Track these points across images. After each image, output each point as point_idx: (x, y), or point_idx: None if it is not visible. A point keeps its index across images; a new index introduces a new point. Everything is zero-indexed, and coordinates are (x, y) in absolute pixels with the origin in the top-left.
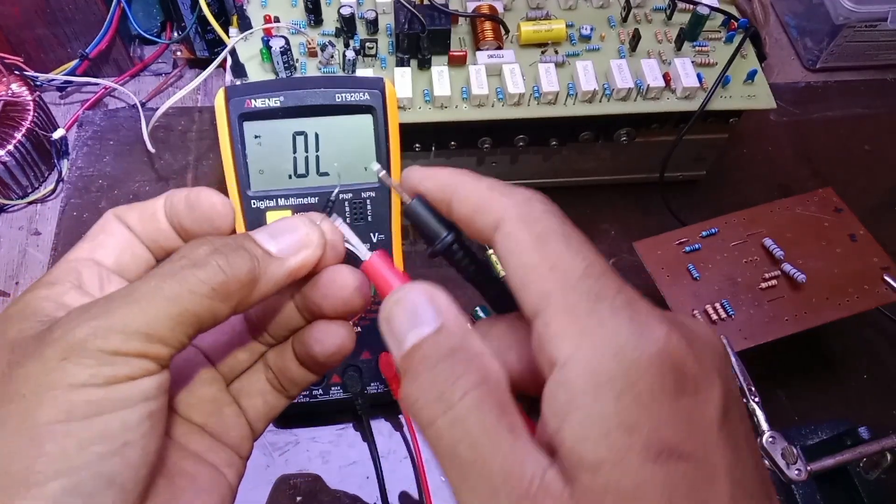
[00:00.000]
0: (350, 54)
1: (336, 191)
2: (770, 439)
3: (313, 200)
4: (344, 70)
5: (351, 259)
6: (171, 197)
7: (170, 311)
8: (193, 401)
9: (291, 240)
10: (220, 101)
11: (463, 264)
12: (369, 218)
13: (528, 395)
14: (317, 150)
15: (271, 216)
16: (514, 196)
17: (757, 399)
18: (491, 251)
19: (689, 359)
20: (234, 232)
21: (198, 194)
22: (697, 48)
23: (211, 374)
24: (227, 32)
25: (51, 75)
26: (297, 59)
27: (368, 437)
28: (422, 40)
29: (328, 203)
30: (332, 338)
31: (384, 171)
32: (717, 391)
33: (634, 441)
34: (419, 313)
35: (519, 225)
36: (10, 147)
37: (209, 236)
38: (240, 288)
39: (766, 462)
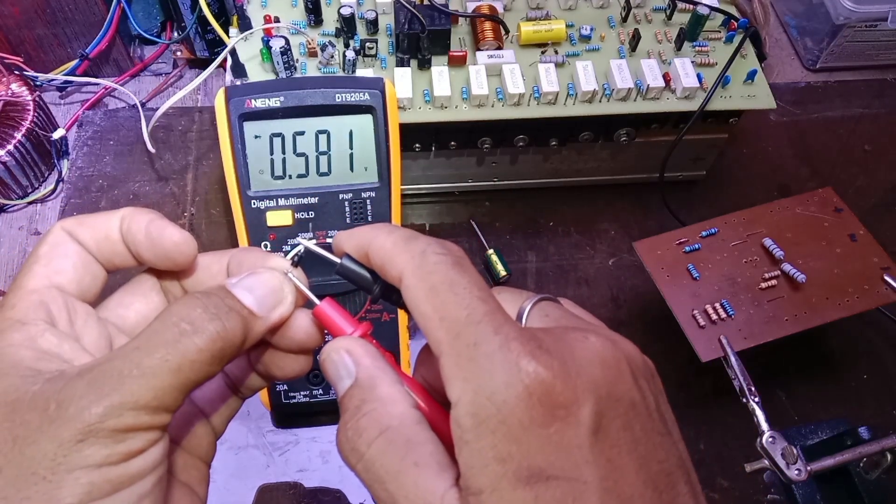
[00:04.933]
0: (350, 54)
1: (303, 248)
2: (770, 439)
3: (313, 200)
4: (344, 70)
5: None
6: (128, 221)
7: (174, 382)
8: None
9: (267, 295)
10: (220, 102)
11: (401, 303)
12: (369, 218)
13: None
14: (317, 150)
15: (271, 216)
16: (412, 251)
17: (757, 399)
18: (490, 252)
19: (559, 386)
20: (193, 262)
21: (161, 231)
22: (697, 48)
23: None
24: (227, 32)
25: (51, 75)
26: (297, 60)
27: None
28: (422, 40)
29: (296, 258)
30: (292, 365)
31: (309, 242)
32: (586, 409)
33: (507, 470)
34: (340, 367)
35: (414, 280)
36: (10, 147)
37: (197, 294)
38: (233, 351)
39: (768, 462)
